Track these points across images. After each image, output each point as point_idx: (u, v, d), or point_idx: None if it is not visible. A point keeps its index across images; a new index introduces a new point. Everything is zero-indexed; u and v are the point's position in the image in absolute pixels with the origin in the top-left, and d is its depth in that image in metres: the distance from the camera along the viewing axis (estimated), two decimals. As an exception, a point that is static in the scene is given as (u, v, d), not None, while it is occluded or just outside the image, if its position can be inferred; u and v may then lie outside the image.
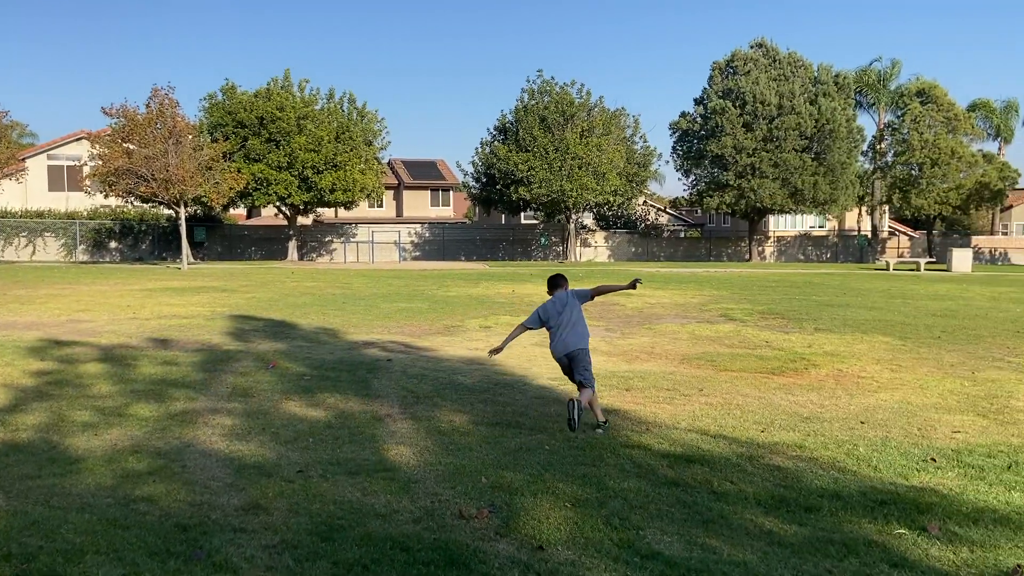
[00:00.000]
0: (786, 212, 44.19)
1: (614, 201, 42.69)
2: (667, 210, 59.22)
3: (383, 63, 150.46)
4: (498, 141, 42.09)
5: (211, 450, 5.54)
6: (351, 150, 37.20)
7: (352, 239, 43.81)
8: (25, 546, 3.78)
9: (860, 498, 4.70)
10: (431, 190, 57.76)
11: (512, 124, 41.67)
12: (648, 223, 52.36)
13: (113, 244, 39.77)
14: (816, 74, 43.31)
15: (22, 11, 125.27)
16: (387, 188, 50.16)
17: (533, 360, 9.74)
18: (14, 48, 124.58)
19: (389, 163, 56.51)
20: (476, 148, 44.25)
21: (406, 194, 56.98)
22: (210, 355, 9.60)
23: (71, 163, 42.03)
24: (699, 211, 52.48)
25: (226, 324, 12.80)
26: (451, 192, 58.49)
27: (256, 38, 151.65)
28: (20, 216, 38.39)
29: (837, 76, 44.10)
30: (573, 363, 6.40)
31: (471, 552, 3.83)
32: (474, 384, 8.14)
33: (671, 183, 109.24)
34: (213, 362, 9.09)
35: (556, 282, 6.81)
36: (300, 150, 35.57)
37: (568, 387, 8.02)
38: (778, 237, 50.55)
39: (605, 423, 6.31)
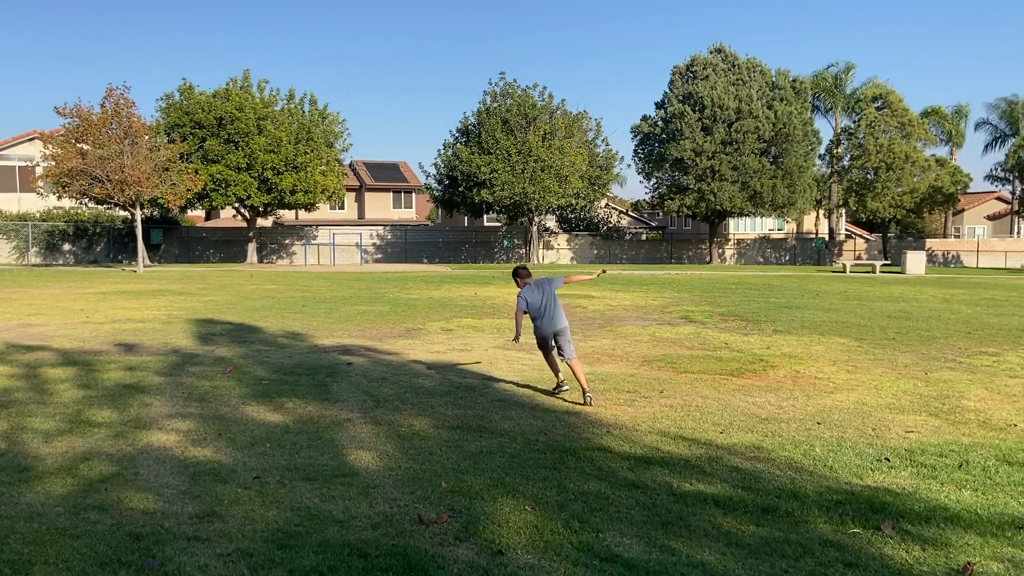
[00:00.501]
0: (745, 215, 44.79)
1: (576, 204, 42.92)
2: (629, 213, 59.70)
3: (346, 64, 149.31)
4: (460, 143, 42.03)
5: (166, 456, 5.43)
6: (312, 151, 36.83)
7: (313, 241, 43.37)
8: (-31, 559, 3.66)
9: (816, 498, 4.77)
10: (393, 192, 57.44)
11: (474, 126, 41.65)
12: (610, 226, 52.71)
13: (67, 246, 38.83)
14: (774, 79, 44.02)
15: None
16: (349, 190, 49.77)
17: (495, 364, 9.73)
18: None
19: (351, 165, 56.07)
20: (438, 150, 44.23)
21: (368, 196, 56.59)
22: (166, 360, 9.41)
23: (23, 163, 40.95)
24: (660, 214, 52.97)
25: (183, 328, 12.56)
26: (413, 194, 58.24)
27: (215, 38, 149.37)
28: (-32, 217, 37.28)
29: (794, 81, 44.88)
30: (559, 339, 7.69)
31: (430, 558, 3.80)
32: (435, 387, 8.09)
33: (632, 186, 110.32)
34: (169, 367, 8.91)
35: (521, 273, 8.15)
36: (260, 151, 35.12)
37: (526, 391, 8.02)
38: (738, 240, 51.25)
39: (583, 392, 7.42)
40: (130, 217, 33.49)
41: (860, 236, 54.52)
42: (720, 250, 48.76)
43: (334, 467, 5.30)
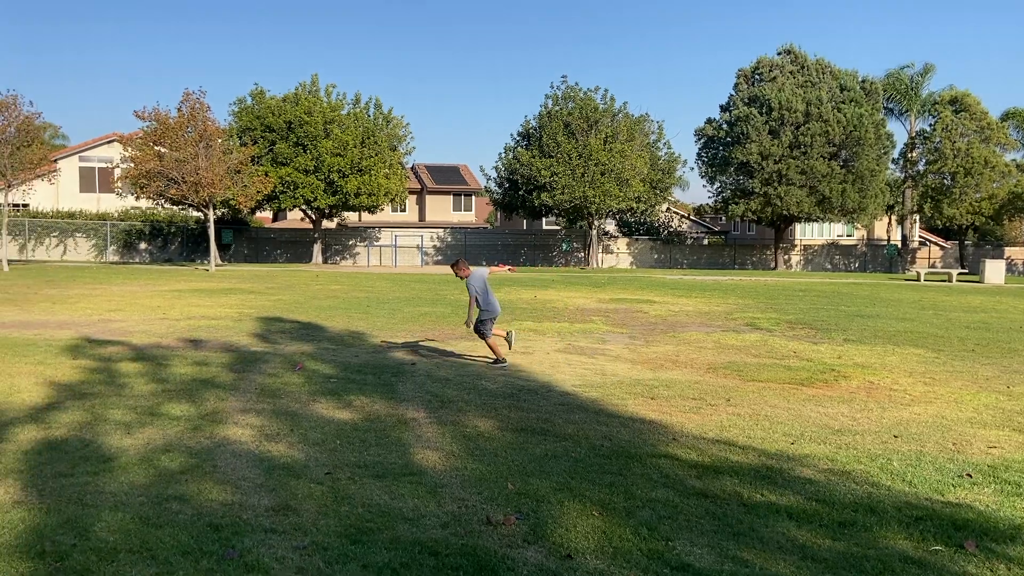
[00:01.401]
0: (813, 220, 43.74)
1: (637, 207, 42.54)
2: (691, 217, 58.92)
3: (410, 69, 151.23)
4: (521, 146, 42.12)
5: (241, 450, 5.58)
6: (376, 155, 37.42)
7: (375, 243, 44.05)
8: (59, 544, 3.82)
9: (895, 513, 4.63)
10: (454, 195, 57.93)
11: (536, 130, 41.69)
12: (671, 230, 52.10)
13: (143, 245, 40.31)
14: (843, 80, 42.88)
15: (57, 15, 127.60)
16: (410, 193, 50.42)
17: (556, 367, 9.72)
18: (48, 51, 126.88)
19: (413, 168, 56.78)
20: (499, 153, 44.40)
21: (429, 199, 57.21)
22: (239, 356, 9.69)
23: (103, 165, 42.70)
24: (723, 218, 52.14)
25: (254, 326, 12.91)
26: (473, 197, 58.63)
27: (285, 44, 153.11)
28: (51, 216, 39.02)
29: (865, 82, 43.65)
30: (493, 321, 9.85)
31: (499, 559, 3.82)
32: (498, 389, 8.13)
33: (695, 190, 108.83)
34: (242, 363, 9.17)
35: (461, 264, 10.21)
36: (326, 154, 35.85)
37: (588, 395, 7.99)
38: (805, 245, 50.07)
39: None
40: (203, 218, 34.58)
41: (935, 243, 52.67)
42: (786, 256, 47.72)
43: (402, 465, 5.37)
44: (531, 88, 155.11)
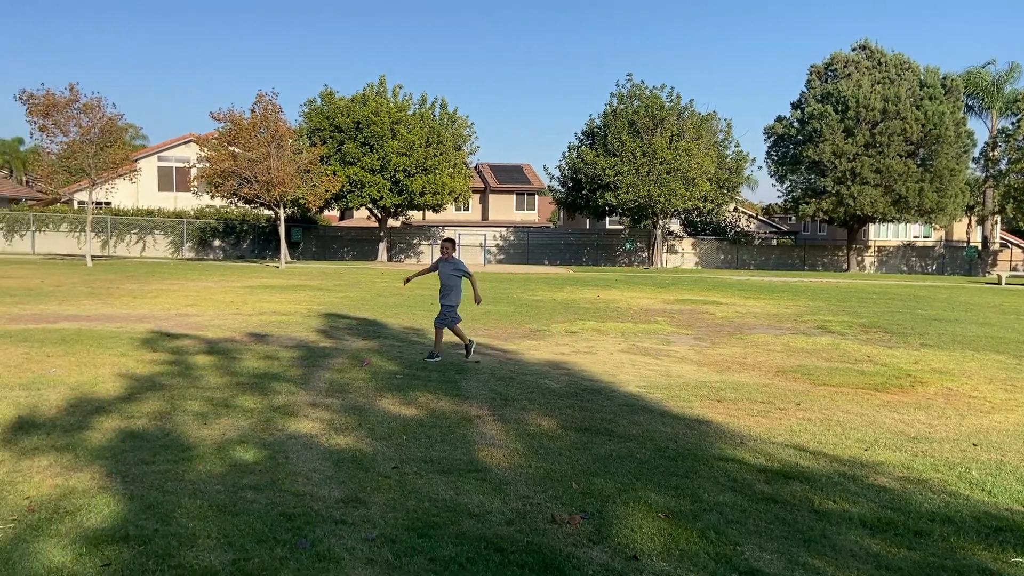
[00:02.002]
0: (888, 220, 42.35)
1: (703, 207, 41.92)
2: (759, 217, 57.74)
3: (475, 69, 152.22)
4: (585, 145, 41.97)
5: (311, 443, 5.73)
6: (441, 154, 37.82)
7: (439, 241, 44.53)
8: (142, 529, 3.99)
9: (974, 523, 4.46)
10: (516, 194, 58.10)
11: (600, 128, 41.48)
12: (738, 230, 51.13)
13: (217, 242, 41.64)
14: (923, 77, 41.38)
15: (136, 18, 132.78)
16: (473, 192, 50.75)
17: (620, 367, 9.67)
18: (128, 53, 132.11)
19: (476, 167, 57.17)
20: (563, 152, 44.42)
21: (492, 198, 57.50)
22: (308, 351, 9.93)
23: (180, 164, 44.27)
24: (793, 218, 50.93)
25: (322, 322, 13.21)
26: (536, 196, 58.69)
27: (354, 46, 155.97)
28: (131, 214, 40.65)
29: (945, 79, 42.04)
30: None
31: (564, 557, 3.83)
32: (561, 389, 8.13)
33: (765, 189, 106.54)
34: (311, 358, 9.40)
35: (452, 246, 10.23)
36: (392, 154, 36.40)
37: (652, 396, 7.92)
38: (879, 247, 48.52)
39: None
40: (273, 216, 35.54)
41: (1017, 246, 50.37)
42: (859, 257, 46.34)
43: (467, 462, 5.42)
44: (596, 87, 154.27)
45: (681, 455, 5.76)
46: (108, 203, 40.48)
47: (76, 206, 41.64)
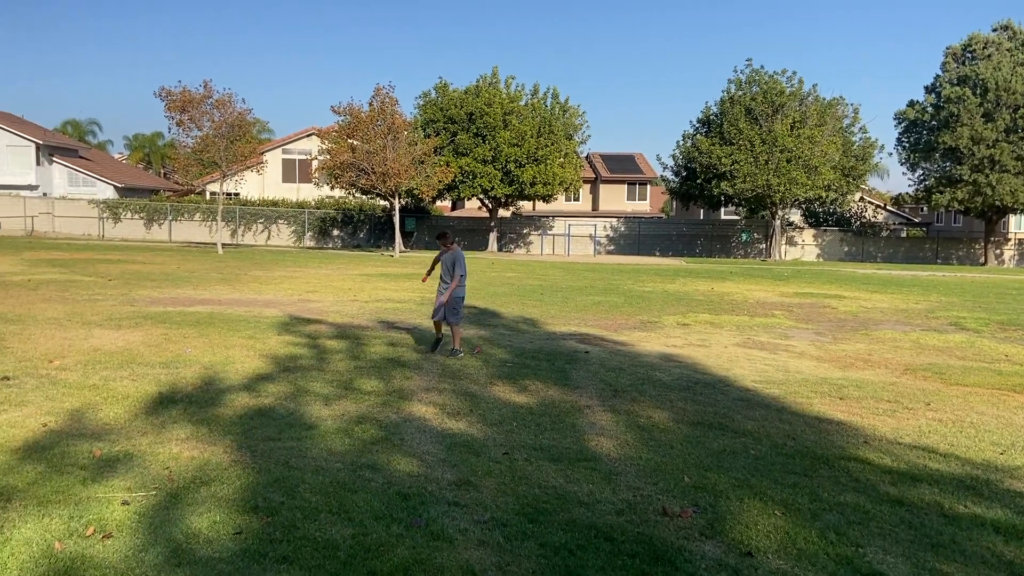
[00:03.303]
0: (1031, 211, 39.18)
1: (826, 197, 40.05)
2: (887, 207, 54.69)
3: (586, 57, 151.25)
4: (701, 134, 40.92)
5: (425, 426, 5.90)
6: (552, 144, 37.83)
7: (549, 232, 44.59)
8: (269, 501, 4.23)
9: None
10: (628, 184, 57.39)
11: (716, 116, 40.34)
12: (864, 220, 48.59)
13: (335, 232, 43.30)
14: (1076, 55, 37.97)
15: (263, 21, 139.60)
16: (584, 182, 50.49)
17: (734, 361, 9.42)
18: (255, 52, 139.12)
19: (587, 157, 56.83)
20: (677, 141, 43.34)
21: (602, 188, 57.06)
22: (422, 337, 10.20)
23: (302, 157, 46.25)
24: (925, 209, 47.96)
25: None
26: (648, 186, 57.78)
27: (467, 38, 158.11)
28: (258, 204, 42.83)
29: (1101, 57, 38.40)
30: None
31: (676, 550, 3.78)
32: (673, 381, 8.00)
33: (895, 178, 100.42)
34: (425, 344, 9.64)
35: (451, 237, 9.72)
36: (504, 144, 36.72)
37: (769, 392, 7.67)
38: (1020, 239, 45.03)
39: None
40: (389, 206, 36.59)
41: None
42: (997, 250, 43.16)
43: (576, 451, 5.44)
44: (712, 75, 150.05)
45: (800, 453, 5.57)
46: (237, 194, 42.79)
47: (208, 197, 44.24)
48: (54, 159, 45.60)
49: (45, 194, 43.31)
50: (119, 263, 21.26)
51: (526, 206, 49.46)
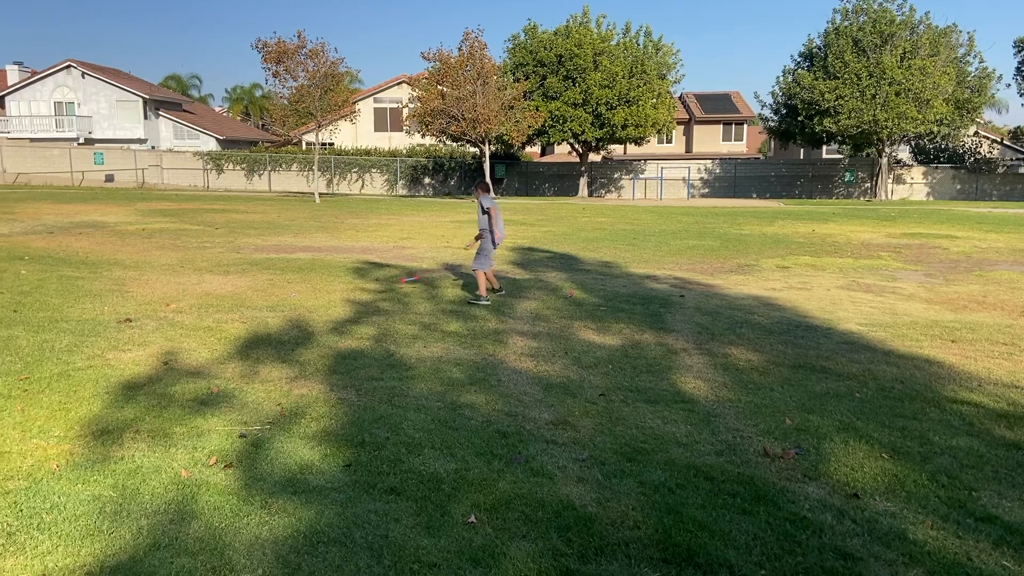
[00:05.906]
0: None
1: (937, 132, 37.64)
2: (1004, 142, 50.98)
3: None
4: (803, 68, 38.95)
5: (519, 368, 5.98)
6: (644, 84, 36.80)
7: (640, 176, 43.74)
8: (375, 436, 4.41)
9: None
10: (723, 124, 55.44)
11: (820, 49, 38.25)
12: (979, 157, 45.52)
13: (426, 180, 43.80)
14: None
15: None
16: (677, 123, 49.08)
17: (838, 304, 9.10)
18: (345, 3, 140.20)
19: (681, 97, 55.14)
20: (777, 77, 41.50)
21: (696, 129, 55.34)
22: (513, 283, 10.28)
23: (393, 105, 46.73)
24: (1049, 142, 44.42)
25: (526, 255, 13.57)
26: (744, 126, 55.68)
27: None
28: (352, 154, 43.68)
29: None
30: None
31: (778, 491, 3.74)
32: (771, 325, 7.81)
33: (1015, 111, 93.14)
34: (516, 288, 9.72)
35: (484, 187, 9.06)
36: (595, 87, 35.97)
37: (875, 335, 7.39)
38: None
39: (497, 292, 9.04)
40: (479, 153, 36.65)
41: None
42: None
43: (673, 393, 5.41)
44: (817, 4, 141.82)
45: (908, 396, 5.37)
46: (332, 144, 43.74)
47: (304, 147, 45.40)
48: (160, 113, 47.62)
49: (153, 147, 45.43)
50: (224, 212, 22.19)
51: (617, 150, 48.57)
